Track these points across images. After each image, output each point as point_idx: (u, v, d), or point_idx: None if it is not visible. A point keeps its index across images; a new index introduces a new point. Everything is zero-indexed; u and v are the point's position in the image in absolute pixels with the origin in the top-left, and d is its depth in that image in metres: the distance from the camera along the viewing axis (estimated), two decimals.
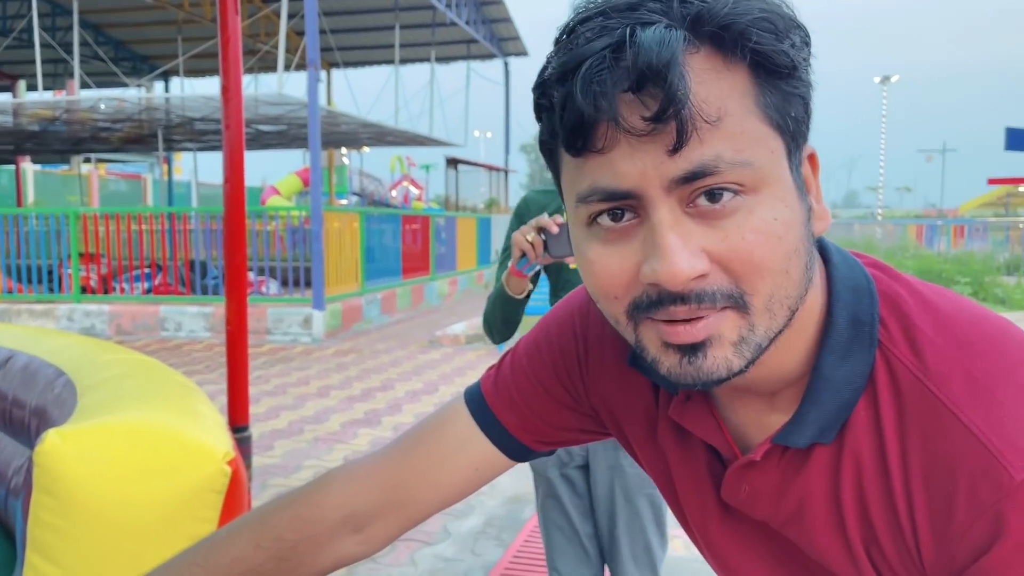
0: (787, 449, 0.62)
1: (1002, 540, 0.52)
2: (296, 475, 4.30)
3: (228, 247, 2.80)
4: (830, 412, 0.59)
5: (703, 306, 0.54)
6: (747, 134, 0.53)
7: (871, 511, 0.59)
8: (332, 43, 14.99)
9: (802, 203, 0.56)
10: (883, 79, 35.66)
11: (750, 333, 0.55)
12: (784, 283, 0.55)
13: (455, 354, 8.14)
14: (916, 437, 0.56)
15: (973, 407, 0.54)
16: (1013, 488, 0.52)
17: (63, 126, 14.04)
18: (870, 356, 0.59)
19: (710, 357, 0.55)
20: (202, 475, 1.22)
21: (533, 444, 0.80)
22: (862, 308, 0.60)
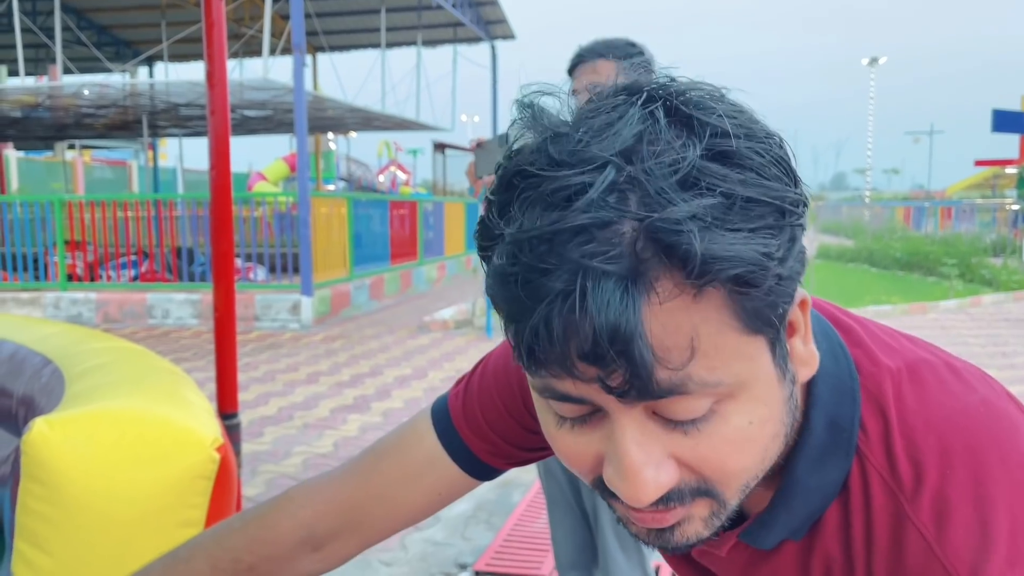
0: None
1: None
2: (286, 461, 4.31)
3: (215, 234, 2.79)
4: (800, 517, 0.58)
5: (671, 505, 0.52)
6: (722, 352, 0.47)
7: None
8: (317, 27, 14.86)
9: (784, 381, 0.52)
10: (871, 61, 35.70)
11: (722, 510, 0.53)
12: (760, 467, 0.53)
13: (444, 339, 8.15)
14: (883, 550, 0.55)
15: (940, 531, 0.52)
16: None
17: (46, 112, 13.89)
18: (846, 464, 0.56)
19: (678, 534, 0.54)
20: (190, 462, 1.23)
21: (499, 464, 0.78)
22: (843, 413, 0.57)
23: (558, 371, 0.47)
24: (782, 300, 0.49)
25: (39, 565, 1.16)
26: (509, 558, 3.08)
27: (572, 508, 2.04)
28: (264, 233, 9.91)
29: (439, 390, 5.89)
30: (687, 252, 0.44)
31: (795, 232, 0.48)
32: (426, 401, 5.79)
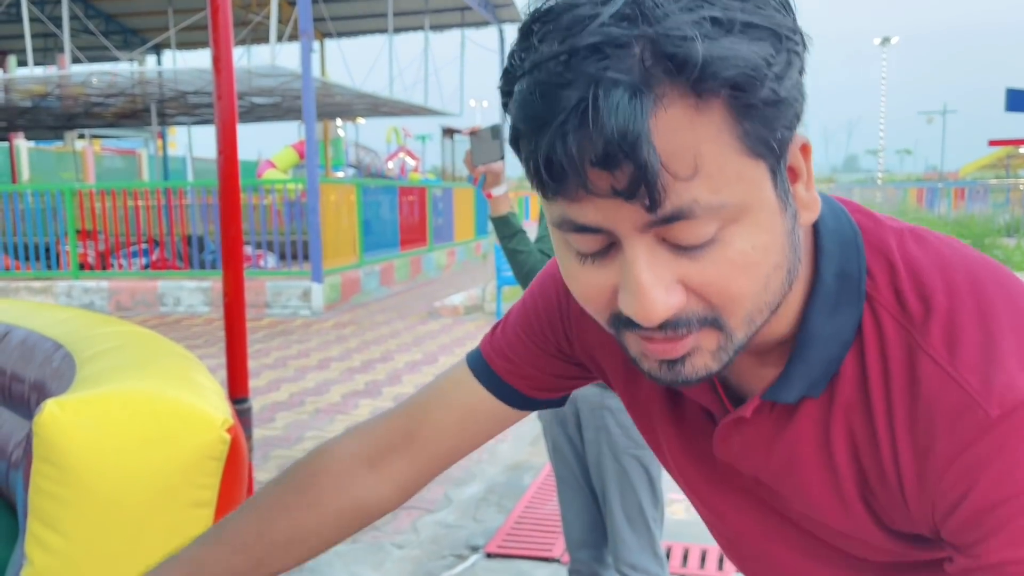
0: (776, 404, 0.63)
1: (979, 483, 0.53)
2: (298, 446, 4.33)
3: (224, 219, 2.79)
4: (818, 368, 0.60)
5: (679, 331, 0.54)
6: (725, 172, 0.50)
7: (862, 460, 0.60)
8: (324, 12, 14.81)
9: (785, 214, 0.54)
10: (883, 41, 35.35)
11: (728, 342, 0.56)
12: (763, 298, 0.55)
13: (454, 325, 8.16)
14: (900, 385, 0.57)
15: (951, 352, 0.55)
16: (989, 425, 0.53)
17: (56, 102, 13.92)
18: (857, 310, 0.59)
19: (689, 365, 0.56)
20: (201, 442, 1.23)
21: (532, 392, 0.83)
22: (849, 262, 0.60)
23: (573, 185, 0.50)
24: (781, 124, 0.51)
25: (52, 545, 1.17)
26: (520, 540, 3.09)
27: (582, 488, 2.05)
28: (274, 221, 9.94)
29: None
30: (689, 57, 0.47)
31: (792, 58, 0.51)
32: None
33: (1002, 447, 0.52)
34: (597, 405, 1.93)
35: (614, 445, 1.91)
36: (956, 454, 0.54)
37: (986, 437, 0.53)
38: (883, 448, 0.59)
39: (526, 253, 1.99)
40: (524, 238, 2.00)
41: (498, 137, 1.86)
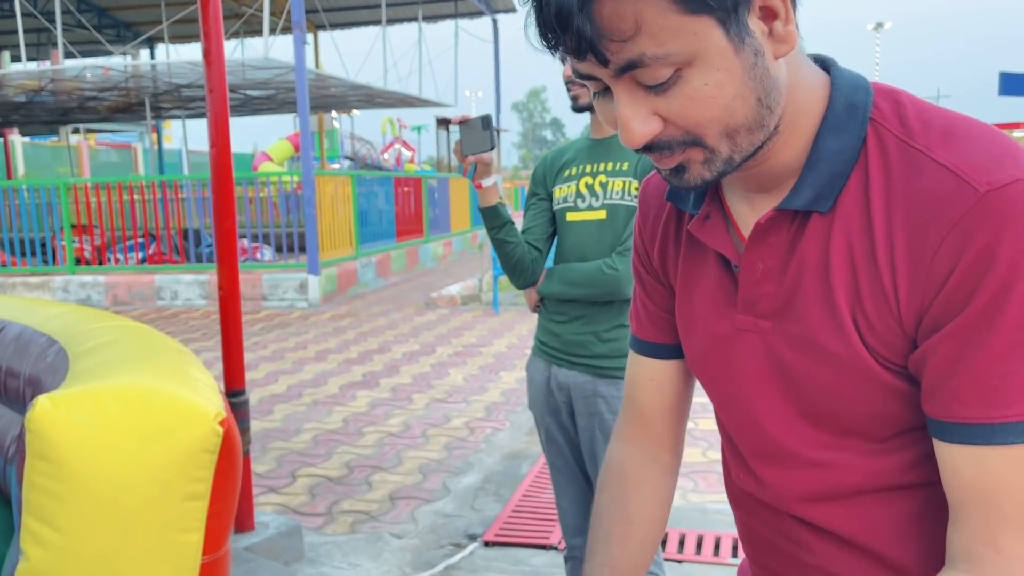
0: (792, 219, 0.71)
1: (970, 247, 0.60)
2: (296, 438, 4.35)
3: (218, 212, 2.79)
4: (824, 178, 0.69)
5: (664, 152, 0.67)
6: (666, 29, 0.60)
7: (857, 269, 0.68)
8: (318, 4, 14.74)
9: (741, 53, 0.63)
10: (876, 26, 35.26)
11: (714, 155, 0.67)
12: (730, 120, 0.65)
13: (451, 315, 8.16)
14: (899, 187, 0.66)
15: (946, 149, 0.64)
16: (978, 199, 0.61)
17: (50, 96, 13.87)
18: (862, 131, 0.69)
19: (688, 174, 0.68)
20: (194, 435, 1.24)
21: (677, 339, 0.91)
22: (858, 96, 0.70)
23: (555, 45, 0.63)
24: None
25: (47, 539, 1.18)
26: (518, 528, 3.11)
27: (576, 475, 2.06)
28: (270, 213, 9.92)
29: (447, 365, 5.92)
30: None
31: None
32: (434, 376, 5.84)
33: (988, 215, 0.60)
34: (590, 393, 1.94)
35: (608, 431, 1.92)
36: (948, 229, 0.61)
37: (975, 208, 0.61)
38: (880, 258, 0.66)
39: (514, 244, 1.99)
40: (513, 229, 2.00)
41: (488, 127, 1.85)
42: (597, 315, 1.93)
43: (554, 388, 2.02)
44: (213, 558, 1.30)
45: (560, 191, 2.00)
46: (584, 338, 1.94)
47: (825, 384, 0.72)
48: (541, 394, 2.05)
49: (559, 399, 2.02)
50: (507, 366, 5.84)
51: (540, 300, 2.06)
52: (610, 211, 1.91)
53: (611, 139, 1.95)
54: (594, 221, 1.93)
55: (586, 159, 1.97)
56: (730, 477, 0.88)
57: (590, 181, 1.94)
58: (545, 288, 1.99)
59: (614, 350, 1.92)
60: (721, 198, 0.79)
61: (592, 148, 1.98)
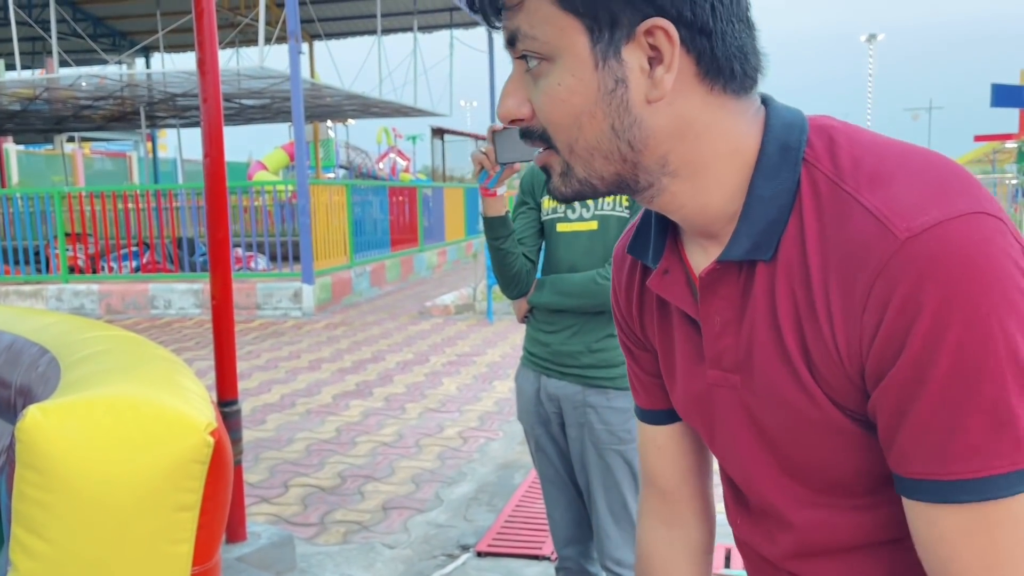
0: (739, 269, 0.70)
1: (893, 300, 0.59)
2: (289, 447, 4.34)
3: (211, 221, 2.79)
4: (759, 226, 0.67)
5: (535, 142, 0.71)
6: (539, 14, 0.65)
7: (801, 318, 0.66)
8: (313, 14, 14.78)
9: (600, 71, 0.65)
10: (869, 38, 35.47)
11: (569, 170, 0.70)
12: (579, 136, 0.68)
13: (445, 324, 8.16)
14: (831, 234, 0.64)
15: (872, 191, 0.62)
16: (898, 247, 0.58)
17: (44, 105, 13.86)
18: (795, 173, 0.67)
19: (550, 181, 0.72)
20: (185, 446, 1.24)
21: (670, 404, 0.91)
22: (792, 136, 0.68)
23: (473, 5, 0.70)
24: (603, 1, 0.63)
25: (36, 551, 1.18)
26: (510, 539, 3.11)
27: (566, 486, 2.06)
28: (264, 222, 9.92)
29: (441, 375, 5.92)
30: None
31: None
32: (428, 386, 5.83)
33: (909, 263, 0.58)
34: (580, 403, 1.94)
35: (597, 441, 1.92)
36: (873, 279, 0.60)
37: (895, 257, 0.58)
38: (819, 308, 0.64)
39: (516, 255, 1.99)
40: (515, 241, 2.00)
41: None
42: (587, 325, 1.94)
43: (544, 399, 2.02)
44: (203, 569, 1.29)
45: (549, 202, 2.00)
46: (574, 348, 1.95)
47: (797, 437, 0.70)
48: (531, 405, 2.05)
49: (549, 410, 2.02)
50: (501, 375, 5.84)
51: (529, 310, 2.06)
52: (602, 222, 1.91)
53: None
54: (585, 232, 1.93)
55: None
56: (735, 525, 0.86)
57: None
58: (536, 298, 1.99)
59: (603, 360, 1.92)
60: (680, 250, 0.77)
61: None
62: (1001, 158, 27.67)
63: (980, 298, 0.56)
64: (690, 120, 0.66)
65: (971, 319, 0.56)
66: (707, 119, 0.67)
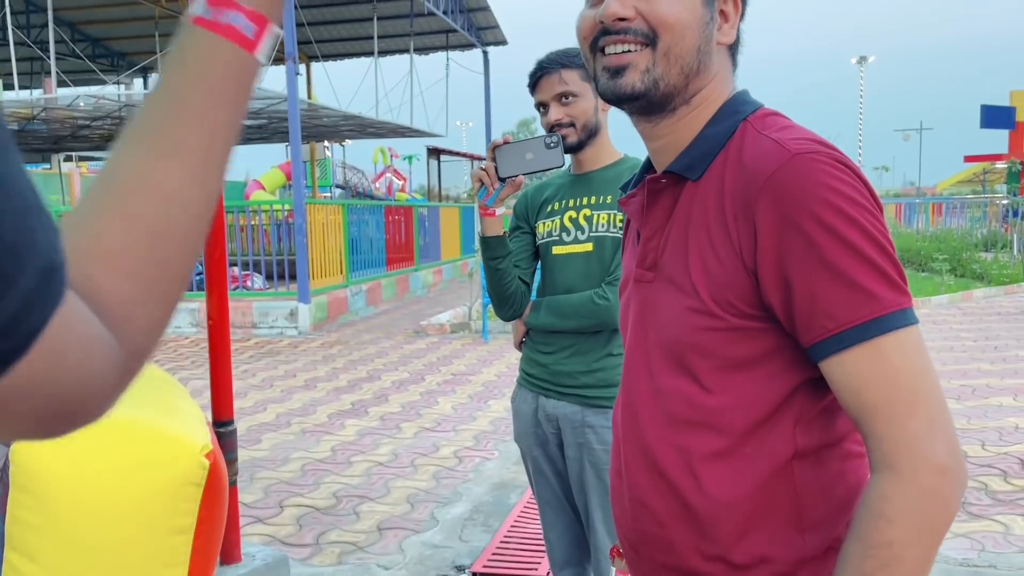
0: (675, 186, 0.92)
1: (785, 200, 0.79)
2: (284, 467, 4.32)
3: (208, 242, 2.80)
4: (697, 153, 0.90)
5: (627, 37, 0.87)
6: None
7: (710, 224, 0.86)
8: (310, 36, 14.89)
9: (705, 8, 0.88)
10: (859, 60, 35.76)
11: (653, 67, 0.88)
12: (679, 43, 0.87)
13: (441, 343, 8.16)
14: (745, 156, 0.85)
15: (779, 132, 0.85)
16: (789, 157, 0.81)
17: (42, 125, 13.90)
18: (734, 124, 0.90)
19: (623, 78, 0.89)
20: (180, 468, 1.24)
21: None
22: (743, 107, 0.92)
23: None
24: None
25: (28, 574, 1.18)
26: (506, 560, 3.10)
27: (564, 508, 2.05)
28: (261, 241, 9.93)
29: (436, 394, 5.91)
30: None
31: None
32: (423, 405, 5.83)
33: (796, 170, 0.79)
34: (579, 423, 1.94)
35: (596, 462, 1.92)
36: (764, 182, 0.81)
37: (785, 165, 0.80)
38: (727, 212, 0.84)
39: (512, 276, 2.00)
40: (511, 262, 2.00)
41: (559, 145, 1.79)
42: (585, 345, 1.94)
43: (542, 419, 2.02)
44: None
45: (543, 226, 2.02)
46: (572, 368, 1.95)
47: (668, 312, 0.90)
48: (529, 426, 2.05)
49: (547, 430, 2.01)
50: (496, 395, 5.84)
51: (525, 333, 2.06)
52: (597, 243, 1.93)
53: (593, 174, 1.97)
54: (581, 254, 1.95)
55: (569, 194, 1.99)
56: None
57: (574, 215, 1.96)
58: (533, 319, 2.00)
59: (602, 380, 1.92)
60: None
61: (574, 183, 2.00)
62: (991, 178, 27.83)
63: (839, 195, 0.79)
64: (719, 67, 0.92)
65: (834, 206, 0.78)
66: (723, 72, 0.93)
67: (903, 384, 0.77)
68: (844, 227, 0.78)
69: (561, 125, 1.89)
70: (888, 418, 0.77)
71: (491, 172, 1.81)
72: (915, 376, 0.78)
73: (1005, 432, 4.57)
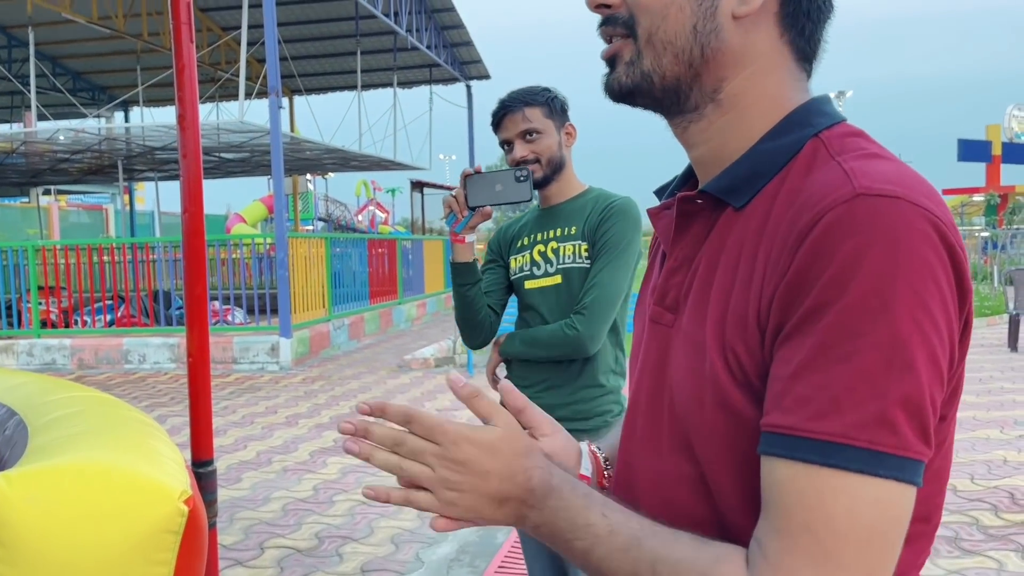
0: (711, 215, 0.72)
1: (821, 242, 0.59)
2: (265, 507, 4.22)
3: (189, 277, 2.75)
4: (743, 171, 0.70)
5: (613, 29, 0.73)
6: None
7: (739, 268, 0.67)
8: (294, 70, 14.94)
9: None
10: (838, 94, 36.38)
11: (639, 59, 0.72)
12: (662, 26, 0.70)
13: (425, 378, 8.08)
14: (805, 184, 0.64)
15: (855, 161, 0.63)
16: (851, 196, 0.59)
17: (21, 158, 13.80)
18: (800, 140, 0.68)
19: (614, 73, 0.74)
20: (157, 516, 1.18)
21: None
22: (816, 119, 0.70)
23: None
24: None
25: None
26: None
27: (552, 561, 2.01)
28: (242, 274, 9.85)
29: None
30: None
31: None
32: None
33: (849, 213, 0.58)
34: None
35: None
36: (813, 217, 0.60)
37: (842, 205, 0.59)
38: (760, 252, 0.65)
39: (481, 303, 2.02)
40: (481, 288, 2.03)
41: (528, 179, 1.82)
42: (560, 377, 1.96)
43: None
44: None
45: (515, 261, 2.06)
46: (549, 401, 1.95)
47: (682, 375, 0.71)
48: None
49: None
50: None
51: (501, 362, 2.07)
52: (564, 275, 1.96)
53: (559, 207, 2.01)
54: (551, 287, 1.98)
55: (537, 228, 2.04)
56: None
57: (543, 249, 2.00)
58: (507, 348, 2.02)
59: (578, 412, 1.94)
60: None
61: (541, 217, 2.04)
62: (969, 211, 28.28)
63: (896, 269, 0.57)
64: (756, 53, 0.70)
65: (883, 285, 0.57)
66: (768, 61, 0.71)
67: (831, 541, 0.58)
68: (874, 321, 0.57)
69: (526, 162, 1.93)
70: (788, 550, 0.59)
71: (461, 199, 1.85)
72: (855, 545, 0.57)
73: (994, 465, 4.55)
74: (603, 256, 1.90)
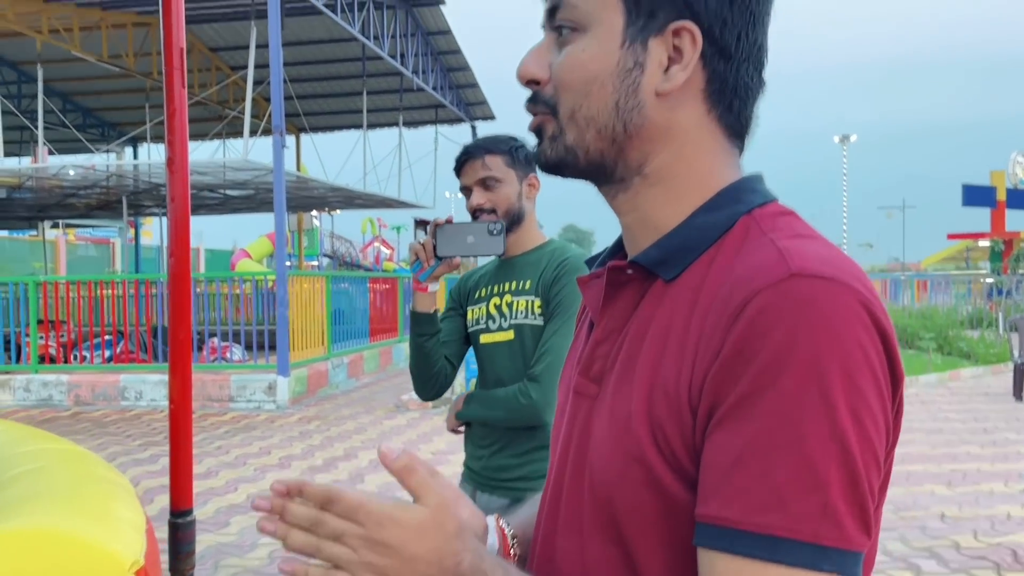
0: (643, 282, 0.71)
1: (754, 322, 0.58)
2: (251, 554, 4.14)
3: (173, 320, 2.71)
4: (675, 244, 0.69)
5: (535, 106, 0.73)
6: None
7: (668, 343, 0.65)
8: (300, 108, 15.09)
9: (625, 51, 0.68)
10: (842, 138, 36.58)
11: (561, 135, 0.71)
12: (584, 103, 0.70)
13: (421, 419, 8.00)
14: (737, 262, 0.64)
15: (788, 240, 0.63)
16: (785, 276, 0.59)
17: (29, 193, 13.90)
18: (732, 216, 0.68)
19: (540, 144, 0.74)
20: None
21: None
22: (749, 197, 0.70)
23: None
24: None
25: None
26: None
27: None
28: (242, 311, 9.83)
29: None
30: None
31: None
32: (398, 486, 5.60)
33: (784, 296, 0.58)
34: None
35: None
36: (745, 297, 0.59)
37: (776, 285, 0.59)
38: (692, 328, 0.63)
39: (438, 355, 2.00)
40: (439, 340, 2.00)
41: (502, 232, 1.81)
42: (515, 440, 1.94)
43: None
44: None
45: (472, 313, 2.03)
46: (503, 462, 1.95)
47: (603, 451, 0.68)
48: None
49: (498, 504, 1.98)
50: None
51: (460, 424, 2.05)
52: (517, 331, 1.94)
53: (517, 258, 1.98)
54: (504, 342, 1.95)
55: (494, 279, 2.01)
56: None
57: (498, 302, 1.98)
58: (465, 412, 2.00)
59: (533, 472, 1.91)
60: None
61: (499, 268, 2.02)
62: (975, 256, 28.22)
63: (832, 355, 0.57)
64: (682, 130, 0.70)
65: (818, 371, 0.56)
66: (696, 137, 0.70)
67: None
68: (813, 409, 0.56)
69: (483, 210, 1.91)
70: None
71: (429, 248, 1.84)
72: None
73: (997, 521, 4.45)
74: (555, 319, 1.86)
